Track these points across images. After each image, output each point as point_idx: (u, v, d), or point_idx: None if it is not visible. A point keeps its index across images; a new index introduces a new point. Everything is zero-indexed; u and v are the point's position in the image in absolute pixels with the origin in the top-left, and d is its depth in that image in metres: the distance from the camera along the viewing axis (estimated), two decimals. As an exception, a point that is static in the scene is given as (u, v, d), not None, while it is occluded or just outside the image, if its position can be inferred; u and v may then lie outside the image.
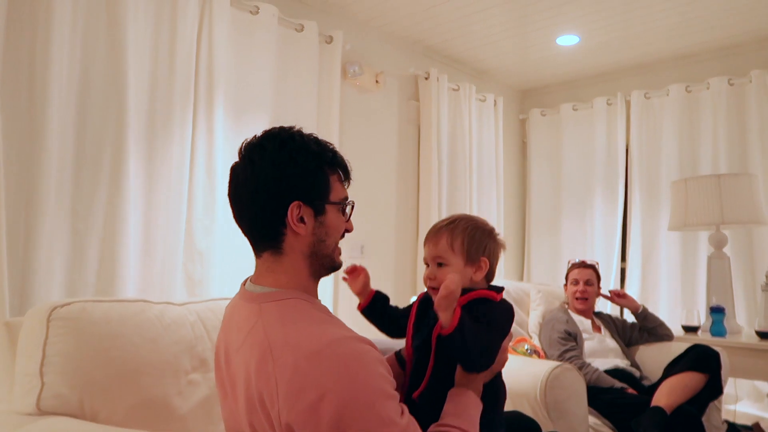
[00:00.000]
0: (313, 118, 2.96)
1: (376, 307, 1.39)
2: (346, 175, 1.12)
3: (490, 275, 1.31)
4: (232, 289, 2.44)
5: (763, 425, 2.70)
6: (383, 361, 0.95)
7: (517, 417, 1.53)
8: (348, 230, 1.12)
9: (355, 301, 1.39)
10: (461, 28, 3.49)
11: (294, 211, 1.02)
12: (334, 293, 3.00)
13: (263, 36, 2.75)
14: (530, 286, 2.98)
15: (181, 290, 2.44)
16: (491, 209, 4.04)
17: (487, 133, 4.09)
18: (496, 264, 1.33)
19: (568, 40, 3.63)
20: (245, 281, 1.13)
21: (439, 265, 1.26)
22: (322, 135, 3.15)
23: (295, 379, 0.87)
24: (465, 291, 1.21)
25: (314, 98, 2.97)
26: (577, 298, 2.63)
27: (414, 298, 1.40)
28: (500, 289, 1.29)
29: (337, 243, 1.10)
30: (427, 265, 1.30)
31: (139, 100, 2.32)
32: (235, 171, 1.07)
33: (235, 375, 1.01)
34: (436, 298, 1.10)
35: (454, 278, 1.09)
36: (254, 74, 2.72)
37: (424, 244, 1.31)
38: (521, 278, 4.54)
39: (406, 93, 3.71)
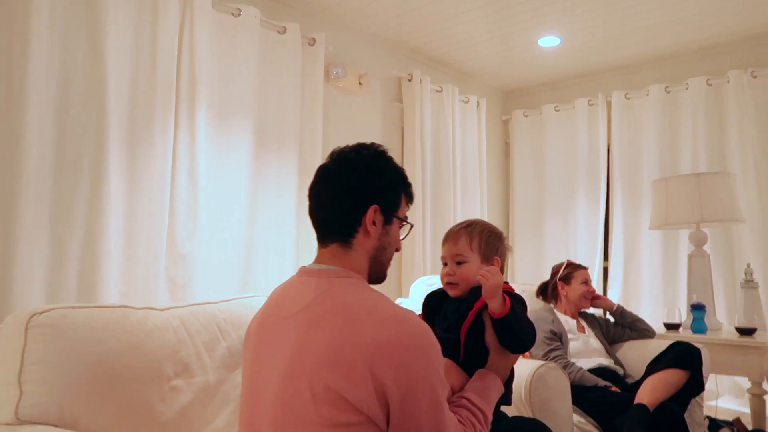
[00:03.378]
0: (297, 121, 2.95)
1: None
2: (411, 199, 1.25)
3: (500, 271, 1.47)
4: (216, 292, 2.44)
5: (743, 420, 2.74)
6: None
7: (525, 422, 1.53)
8: (397, 249, 1.23)
9: None
10: (444, 30, 3.51)
11: (371, 213, 1.13)
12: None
13: (245, 38, 2.74)
14: (514, 286, 2.98)
15: (165, 295, 2.41)
16: (475, 210, 4.06)
17: (470, 134, 4.11)
18: (505, 263, 1.52)
19: (549, 41, 3.66)
20: (302, 267, 1.21)
21: (458, 263, 1.42)
22: (306, 137, 3.16)
23: (378, 335, 0.96)
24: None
25: (297, 100, 2.96)
26: (589, 299, 2.64)
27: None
28: (508, 284, 1.47)
29: (392, 257, 1.22)
30: (445, 264, 1.46)
31: (120, 103, 2.29)
32: (326, 168, 1.18)
33: (285, 339, 1.05)
34: (484, 288, 1.30)
35: (491, 269, 1.32)
36: (237, 77, 2.71)
37: (443, 244, 1.48)
38: (506, 278, 4.55)
39: (389, 95, 3.71)
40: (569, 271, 2.69)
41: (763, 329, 2.89)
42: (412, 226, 1.24)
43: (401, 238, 1.23)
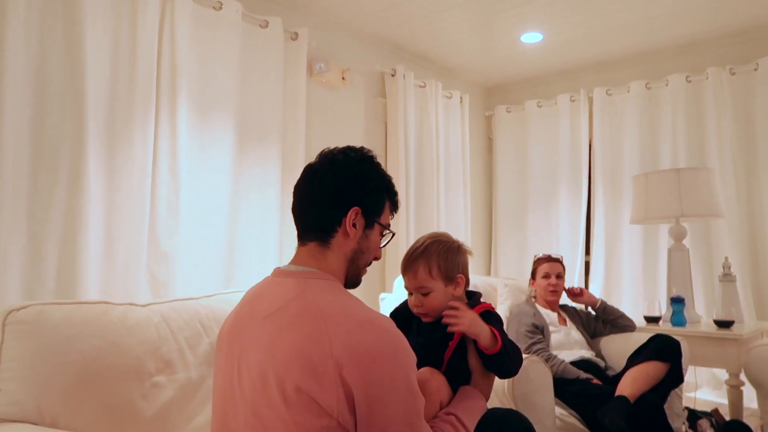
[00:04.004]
0: (279, 116, 2.94)
1: None
2: (395, 208, 1.25)
3: (466, 285, 1.44)
4: (198, 289, 2.42)
5: (722, 411, 2.79)
6: None
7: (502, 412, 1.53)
8: (377, 258, 1.22)
9: None
10: (427, 26, 3.51)
11: (352, 215, 1.13)
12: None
13: (227, 32, 2.71)
14: (497, 281, 3.01)
15: (146, 291, 2.39)
16: (458, 205, 4.07)
17: (453, 129, 4.12)
18: (468, 272, 1.45)
19: (532, 37, 3.68)
20: (277, 268, 1.20)
21: (424, 294, 1.37)
22: (289, 132, 3.14)
23: (348, 341, 0.96)
24: (471, 306, 1.38)
25: (280, 95, 2.94)
26: (550, 291, 2.67)
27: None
28: (478, 293, 1.45)
29: (369, 263, 1.21)
30: (411, 293, 1.41)
31: (99, 98, 2.26)
32: (312, 167, 1.18)
33: (258, 340, 1.05)
34: (465, 332, 1.29)
35: (456, 310, 1.30)
36: (218, 71, 2.68)
37: (403, 274, 1.42)
38: (488, 273, 4.58)
39: (372, 90, 3.71)
40: (534, 267, 2.77)
41: (741, 322, 2.94)
42: (393, 235, 1.23)
43: (382, 245, 1.23)
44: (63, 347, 1.26)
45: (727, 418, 2.70)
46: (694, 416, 2.62)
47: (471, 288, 1.47)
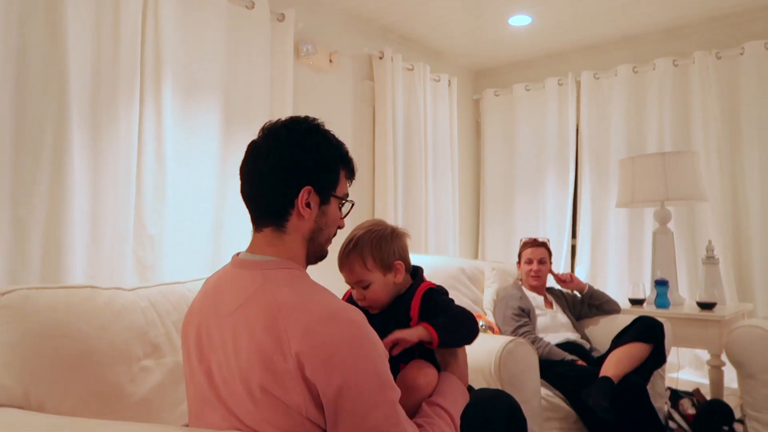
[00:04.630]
0: (266, 99, 2.91)
1: None
2: (352, 174, 1.18)
3: (407, 268, 1.40)
4: (185, 273, 2.41)
5: (703, 391, 2.84)
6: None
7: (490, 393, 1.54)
8: (340, 227, 1.18)
9: None
10: (415, 8, 3.48)
11: (304, 195, 1.07)
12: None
13: (212, 13, 2.67)
14: (485, 264, 3.03)
15: (132, 276, 2.38)
16: (446, 189, 4.08)
17: (441, 113, 4.11)
18: (408, 255, 1.40)
19: (520, 20, 3.66)
20: (237, 254, 1.16)
21: (364, 287, 1.33)
22: (276, 115, 3.11)
23: (307, 338, 0.93)
24: (410, 293, 1.35)
25: (267, 78, 2.91)
26: (531, 276, 2.69)
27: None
28: (419, 269, 1.42)
29: (332, 236, 1.17)
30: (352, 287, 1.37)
31: (82, 80, 2.22)
32: (256, 145, 1.11)
33: (223, 339, 1.02)
34: (405, 341, 1.24)
35: (397, 336, 1.23)
36: (203, 53, 2.64)
37: (340, 271, 1.36)
38: (476, 256, 4.61)
39: (360, 73, 3.68)
40: (520, 251, 2.80)
41: (723, 304, 2.99)
42: (353, 204, 1.18)
43: (343, 216, 1.18)
44: (49, 332, 1.26)
45: (708, 397, 2.76)
46: (676, 396, 2.67)
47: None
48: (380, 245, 1.33)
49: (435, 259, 2.90)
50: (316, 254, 1.15)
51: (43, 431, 1.05)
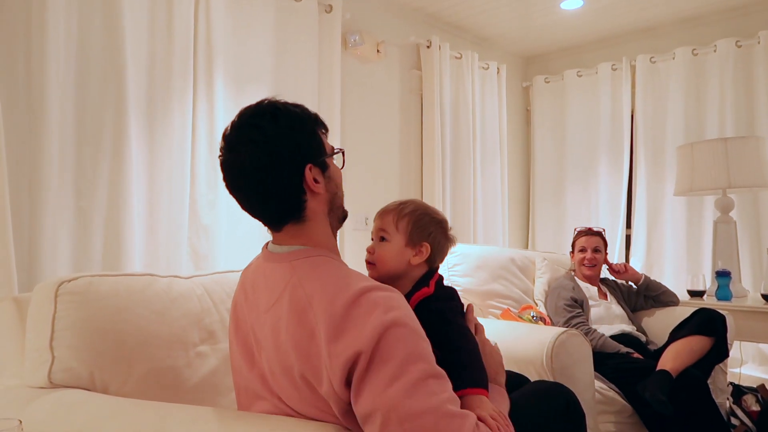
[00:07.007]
0: (314, 90, 2.93)
1: None
2: (325, 127, 1.15)
3: (431, 262, 1.29)
4: (238, 263, 2.46)
5: (768, 387, 2.72)
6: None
7: (548, 384, 1.46)
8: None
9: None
10: (463, -6, 3.43)
11: (309, 175, 1.06)
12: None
13: (261, 6, 2.71)
14: (535, 254, 2.98)
15: (187, 265, 2.45)
16: (495, 178, 4.02)
17: (490, 101, 4.05)
18: (440, 256, 1.32)
19: (571, 3, 3.56)
20: (266, 244, 1.16)
21: (382, 239, 1.27)
22: (324, 106, 3.14)
23: (333, 325, 0.90)
24: (410, 294, 1.22)
25: (314, 69, 2.93)
26: (585, 265, 2.63)
27: None
28: (438, 275, 1.29)
29: (343, 191, 1.17)
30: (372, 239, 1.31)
31: (138, 75, 2.29)
32: (235, 160, 1.06)
33: (265, 334, 1.03)
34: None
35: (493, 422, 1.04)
36: (253, 46, 2.69)
37: (375, 218, 1.32)
38: (526, 246, 4.54)
39: (407, 62, 3.66)
40: (573, 240, 2.75)
41: (790, 296, 2.84)
42: (343, 152, 1.17)
43: (341, 167, 1.17)
44: (111, 317, 1.31)
45: (774, 394, 2.64)
46: (739, 392, 2.57)
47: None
48: (422, 219, 1.28)
49: (484, 249, 2.87)
50: (339, 218, 1.15)
51: (108, 412, 1.10)
